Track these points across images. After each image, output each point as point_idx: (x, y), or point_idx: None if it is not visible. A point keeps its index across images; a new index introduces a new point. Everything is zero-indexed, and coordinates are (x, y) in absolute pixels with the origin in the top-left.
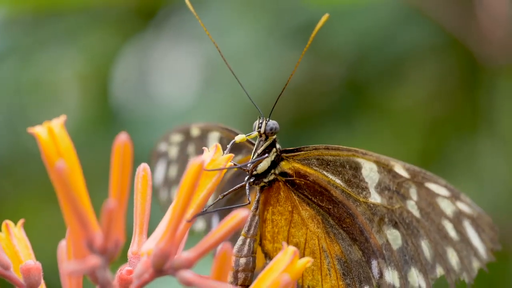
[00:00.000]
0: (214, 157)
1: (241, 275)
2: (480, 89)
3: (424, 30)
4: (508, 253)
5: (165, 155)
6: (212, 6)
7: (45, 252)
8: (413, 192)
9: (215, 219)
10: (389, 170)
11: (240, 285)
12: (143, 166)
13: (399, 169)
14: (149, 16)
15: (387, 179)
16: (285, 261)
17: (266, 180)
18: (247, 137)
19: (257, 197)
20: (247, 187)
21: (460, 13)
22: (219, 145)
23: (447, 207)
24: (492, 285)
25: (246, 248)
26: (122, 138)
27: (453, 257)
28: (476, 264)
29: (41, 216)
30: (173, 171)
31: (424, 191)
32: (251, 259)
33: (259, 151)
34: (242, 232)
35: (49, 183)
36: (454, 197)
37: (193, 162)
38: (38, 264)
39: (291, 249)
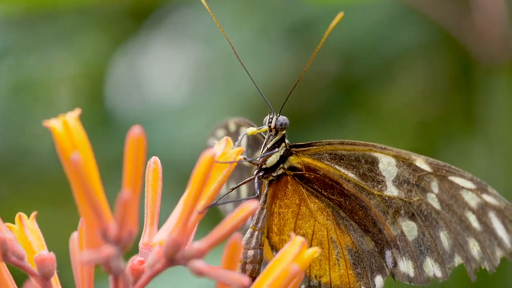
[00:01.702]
0: (225, 150)
1: (249, 267)
2: (473, 88)
3: (417, 30)
4: None
5: None
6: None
7: None
8: (434, 186)
9: None
10: (409, 164)
11: (248, 276)
12: (154, 159)
13: (421, 163)
14: (142, 17)
15: (407, 173)
16: (293, 251)
17: (274, 174)
18: (258, 131)
19: (265, 190)
20: (256, 181)
21: (455, 12)
22: (229, 139)
23: (471, 199)
24: (490, 285)
25: (254, 240)
26: (136, 130)
27: (474, 247)
28: (499, 253)
29: (37, 216)
30: None
31: (447, 184)
32: (258, 251)
33: (268, 146)
34: (251, 225)
35: (45, 184)
36: (480, 190)
37: (205, 155)
38: (52, 255)
39: (299, 239)
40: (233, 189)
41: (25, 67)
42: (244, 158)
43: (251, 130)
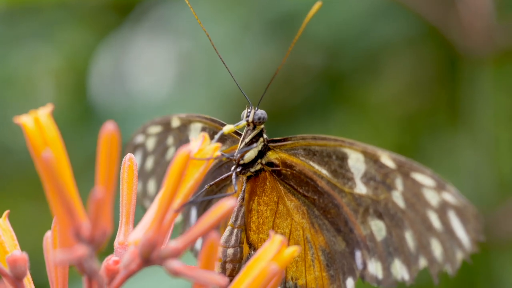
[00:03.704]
0: (202, 147)
1: (229, 266)
2: (459, 82)
3: (402, 23)
4: (487, 248)
5: (142, 147)
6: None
7: (22, 249)
8: (398, 183)
9: (193, 211)
10: (375, 161)
11: (228, 276)
12: (129, 156)
13: (386, 159)
14: (126, 11)
15: (373, 170)
16: (272, 250)
17: (252, 170)
18: (236, 128)
19: (243, 187)
20: (233, 177)
21: (440, 5)
22: (206, 135)
23: (432, 197)
24: (473, 278)
25: (233, 238)
26: (109, 127)
27: (436, 248)
28: (459, 255)
29: (17, 213)
30: (150, 163)
31: (410, 182)
32: (238, 249)
33: (246, 140)
34: (229, 223)
35: (26, 180)
36: (439, 187)
37: (181, 152)
38: (25, 255)
39: (278, 237)
40: (210, 185)
41: (7, 61)
42: (222, 154)
43: (228, 128)
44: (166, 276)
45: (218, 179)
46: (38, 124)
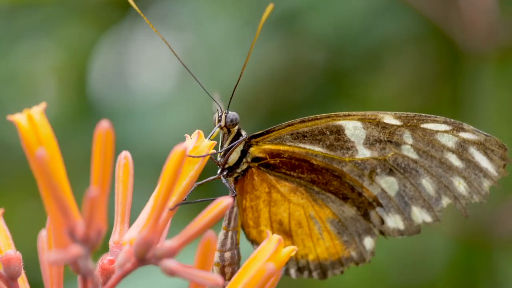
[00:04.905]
0: (197, 144)
1: (228, 270)
2: (460, 79)
3: (404, 20)
4: (488, 247)
5: None
6: None
7: (22, 246)
8: (407, 137)
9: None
10: (377, 123)
11: (228, 280)
12: (125, 154)
13: (389, 119)
14: (127, 7)
15: (376, 132)
16: (269, 250)
17: (239, 170)
18: (212, 137)
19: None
20: (225, 181)
21: (442, 2)
22: (201, 132)
23: (448, 140)
24: (474, 277)
25: (229, 241)
26: (104, 125)
27: (460, 185)
28: (487, 184)
29: (18, 210)
30: None
31: (420, 132)
32: (235, 251)
33: (225, 146)
34: (223, 226)
35: (26, 177)
36: (455, 129)
37: (176, 149)
38: (18, 254)
39: (276, 237)
40: (198, 185)
41: (8, 58)
42: (211, 158)
43: (208, 145)
44: (162, 276)
45: (205, 180)
46: (32, 122)
